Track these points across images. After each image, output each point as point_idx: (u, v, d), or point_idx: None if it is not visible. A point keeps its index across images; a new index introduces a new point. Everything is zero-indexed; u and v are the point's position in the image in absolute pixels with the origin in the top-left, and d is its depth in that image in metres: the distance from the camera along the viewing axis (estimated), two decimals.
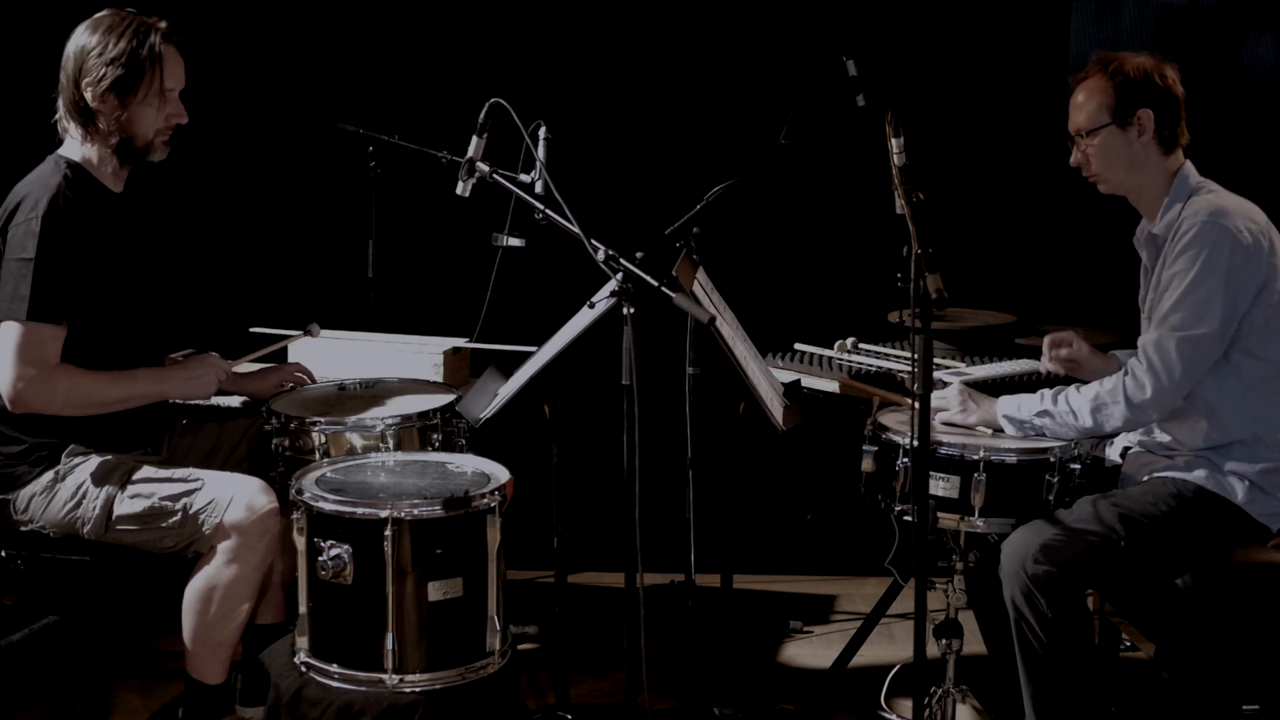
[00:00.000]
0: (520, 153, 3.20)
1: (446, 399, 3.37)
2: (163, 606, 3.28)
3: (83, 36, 3.07)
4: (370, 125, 3.71)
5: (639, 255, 2.90)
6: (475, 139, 3.16)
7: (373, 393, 3.48)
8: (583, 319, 3.10)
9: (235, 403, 3.51)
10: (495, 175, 3.13)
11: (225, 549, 3.00)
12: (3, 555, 3.07)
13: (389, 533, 2.74)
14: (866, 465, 3.14)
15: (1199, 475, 3.01)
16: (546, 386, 3.19)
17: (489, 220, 3.42)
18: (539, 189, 3.16)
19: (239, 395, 3.48)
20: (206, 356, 3.31)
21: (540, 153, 3.20)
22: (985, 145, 4.49)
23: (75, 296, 2.99)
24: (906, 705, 3.50)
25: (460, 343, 3.81)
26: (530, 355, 3.24)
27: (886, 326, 3.92)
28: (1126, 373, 2.99)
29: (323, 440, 3.20)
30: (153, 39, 3.06)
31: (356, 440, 3.21)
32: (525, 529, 3.31)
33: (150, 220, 3.26)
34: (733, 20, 4.49)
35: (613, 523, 2.93)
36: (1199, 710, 3.05)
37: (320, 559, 2.79)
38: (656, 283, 2.80)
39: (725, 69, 4.50)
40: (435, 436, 3.26)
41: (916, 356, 2.67)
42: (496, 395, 3.17)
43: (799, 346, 3.82)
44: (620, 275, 2.83)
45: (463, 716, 2.81)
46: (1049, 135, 3.38)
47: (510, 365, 3.27)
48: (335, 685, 2.80)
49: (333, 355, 3.74)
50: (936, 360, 3.63)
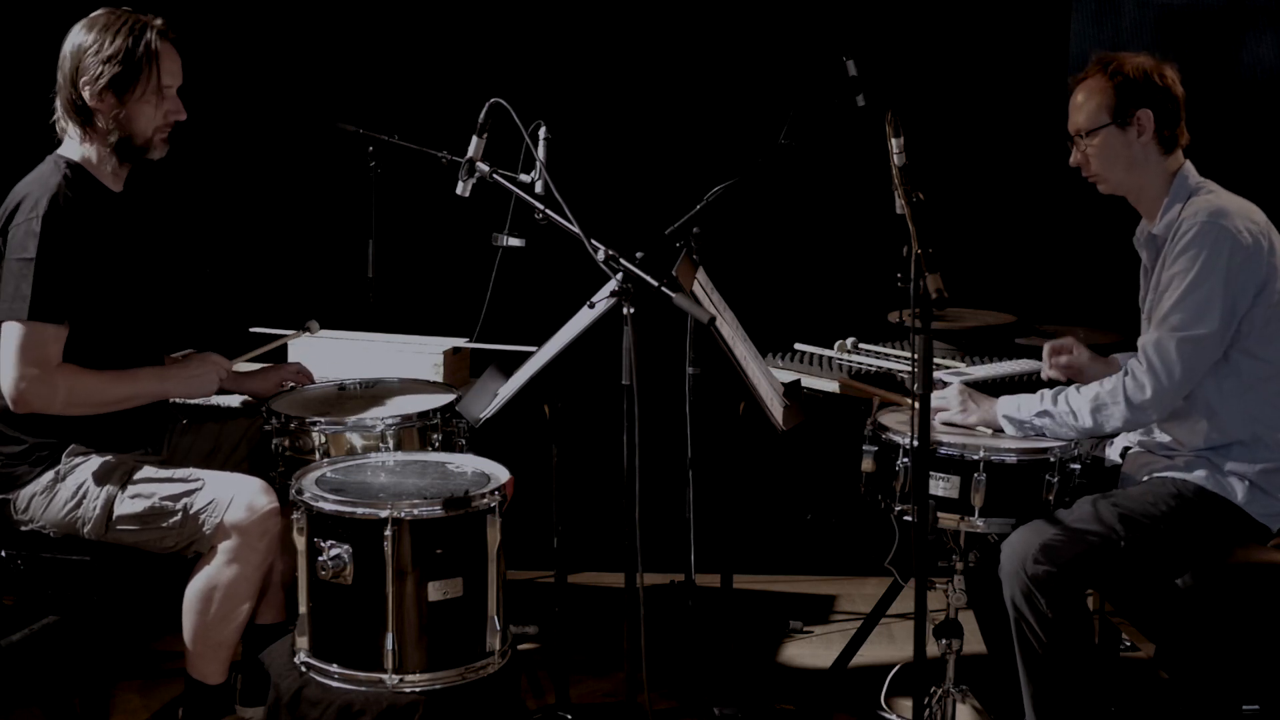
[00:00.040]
0: (520, 153, 3.20)
1: (446, 399, 3.37)
2: (163, 606, 3.28)
3: (79, 35, 3.06)
4: (370, 125, 3.71)
5: (639, 255, 2.90)
6: (475, 139, 3.16)
7: (373, 393, 3.48)
8: (583, 319, 3.10)
9: (235, 402, 3.51)
10: (495, 175, 3.13)
11: (226, 549, 3.00)
12: (3, 555, 3.07)
13: (389, 533, 2.74)
14: (866, 465, 3.14)
15: (1199, 475, 3.01)
16: (546, 386, 3.19)
17: (489, 220, 3.42)
18: (539, 189, 3.16)
19: (240, 394, 3.48)
20: (207, 355, 3.31)
21: (540, 153, 3.20)
22: (985, 145, 4.49)
23: (76, 296, 2.99)
24: (906, 705, 3.50)
25: (460, 343, 3.80)
26: (530, 355, 3.24)
27: (886, 326, 3.92)
28: (1126, 373, 2.98)
29: (323, 440, 3.20)
30: (149, 36, 3.05)
31: (356, 440, 3.21)
32: (525, 529, 3.31)
33: (150, 220, 3.26)
34: (733, 20, 4.49)
35: (613, 523, 2.93)
36: (1199, 710, 3.05)
37: (320, 559, 2.79)
38: (656, 283, 2.80)
39: (725, 69, 4.50)
40: (435, 436, 3.26)
41: (916, 356, 2.67)
42: (496, 395, 3.17)
43: (799, 346, 3.82)
44: (620, 275, 2.83)
45: (463, 716, 2.81)
46: (1049, 135, 3.38)
47: (510, 365, 3.27)
48: (335, 685, 2.80)
49: (333, 355, 3.74)
50: (936, 360, 3.63)
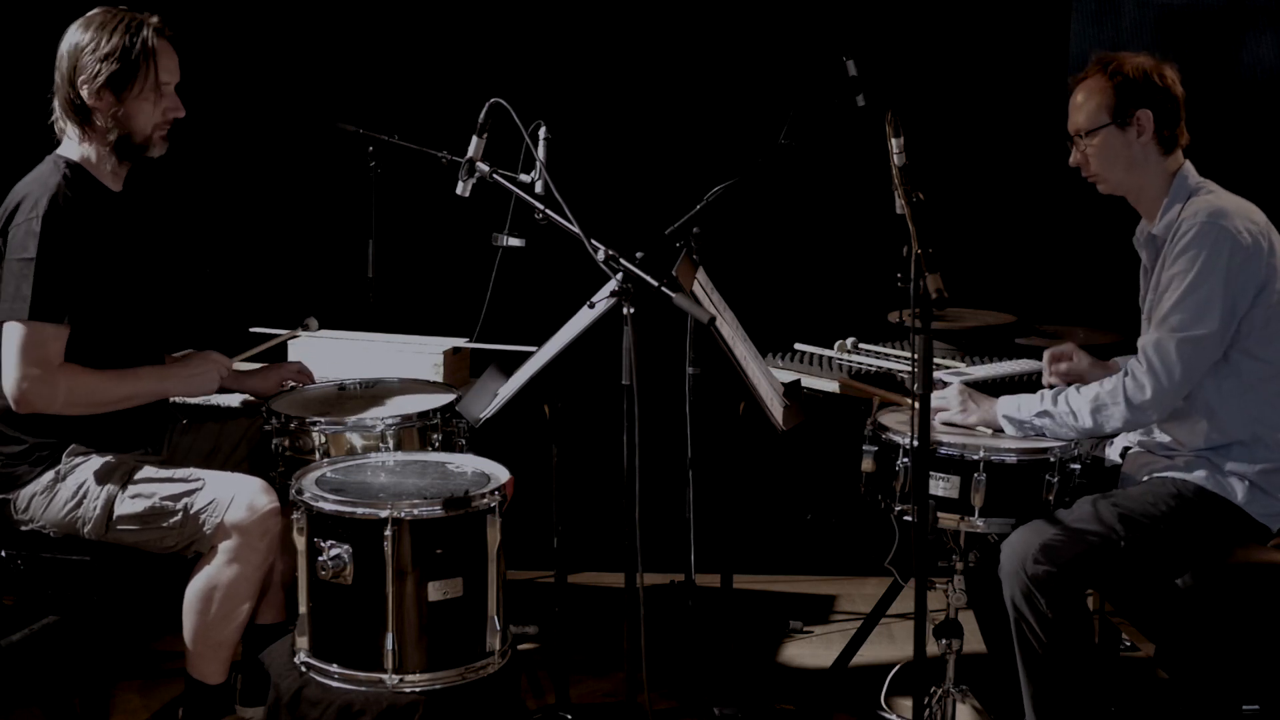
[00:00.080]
0: (520, 153, 3.20)
1: (446, 399, 3.37)
2: (163, 606, 3.28)
3: (76, 34, 3.06)
4: (370, 125, 3.71)
5: (639, 255, 2.90)
6: (475, 139, 3.16)
7: (373, 393, 3.48)
8: (583, 319, 3.10)
9: (235, 402, 3.52)
10: (495, 175, 3.13)
11: (226, 549, 3.00)
12: (3, 555, 3.07)
13: (389, 533, 2.74)
14: (866, 465, 3.14)
15: (1199, 475, 3.01)
16: (546, 386, 3.19)
17: (489, 220, 3.42)
18: (539, 189, 3.16)
19: (240, 393, 3.48)
20: (207, 354, 3.30)
21: (540, 153, 3.20)
22: (985, 145, 4.49)
23: (77, 296, 2.99)
24: (906, 705, 3.50)
25: (460, 343, 3.80)
26: (530, 355, 3.24)
27: (886, 326, 3.91)
28: (1126, 373, 2.98)
29: (323, 440, 3.20)
30: (146, 33, 3.05)
31: (356, 440, 3.21)
32: (525, 529, 3.31)
33: (150, 219, 3.25)
34: (733, 20, 4.49)
35: (613, 523, 2.93)
36: (1199, 710, 3.05)
37: (320, 559, 2.79)
38: (656, 283, 2.80)
39: (725, 69, 4.50)
40: (435, 436, 3.26)
41: (916, 356, 2.67)
42: (496, 395, 3.17)
43: (799, 346, 3.82)
44: (620, 275, 2.83)
45: (463, 716, 2.81)
46: (1049, 135, 3.38)
47: (510, 365, 3.27)
48: (335, 685, 2.80)
49: (333, 355, 3.74)
50: (936, 360, 3.63)
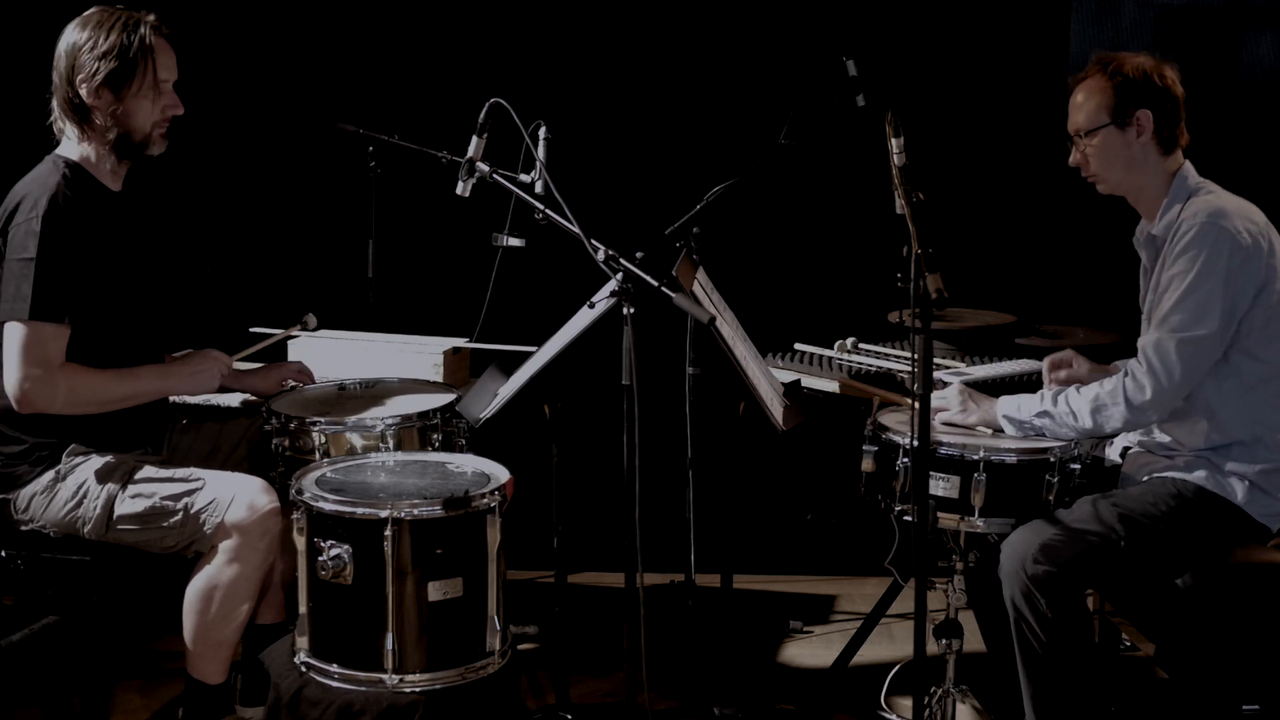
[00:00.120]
0: (520, 153, 3.20)
1: (446, 399, 3.37)
2: (163, 606, 3.28)
3: (73, 34, 3.06)
4: (370, 125, 3.71)
5: (639, 255, 2.90)
6: (475, 139, 3.16)
7: (373, 393, 3.48)
8: (583, 319, 3.10)
9: (235, 402, 3.52)
10: (495, 175, 3.13)
11: (226, 548, 3.00)
12: (3, 555, 3.07)
13: (389, 533, 2.74)
14: (866, 465, 3.14)
15: (1199, 475, 3.00)
16: (546, 386, 3.19)
17: (489, 220, 3.42)
18: (539, 189, 3.16)
19: (241, 392, 3.48)
20: (208, 352, 3.30)
21: (540, 153, 3.20)
22: (985, 145, 4.49)
23: (77, 295, 2.99)
24: (906, 705, 3.50)
25: (460, 343, 3.80)
26: (530, 355, 3.24)
27: (886, 326, 3.92)
28: (1126, 374, 2.98)
29: (323, 440, 3.20)
30: (143, 31, 3.05)
31: (356, 440, 3.21)
32: (525, 529, 3.31)
33: (149, 219, 3.25)
34: (733, 20, 4.49)
35: (613, 523, 2.93)
36: (1199, 710, 3.05)
37: (320, 559, 2.79)
38: (656, 283, 2.80)
39: (725, 69, 4.50)
40: (435, 436, 3.26)
41: (916, 356, 2.67)
42: (496, 395, 3.17)
43: (799, 346, 3.82)
44: (620, 275, 2.83)
45: (463, 716, 2.81)
46: (1049, 135, 3.38)
47: (510, 365, 3.27)
48: (335, 685, 2.80)
49: (333, 355, 3.74)
50: (936, 360, 3.63)
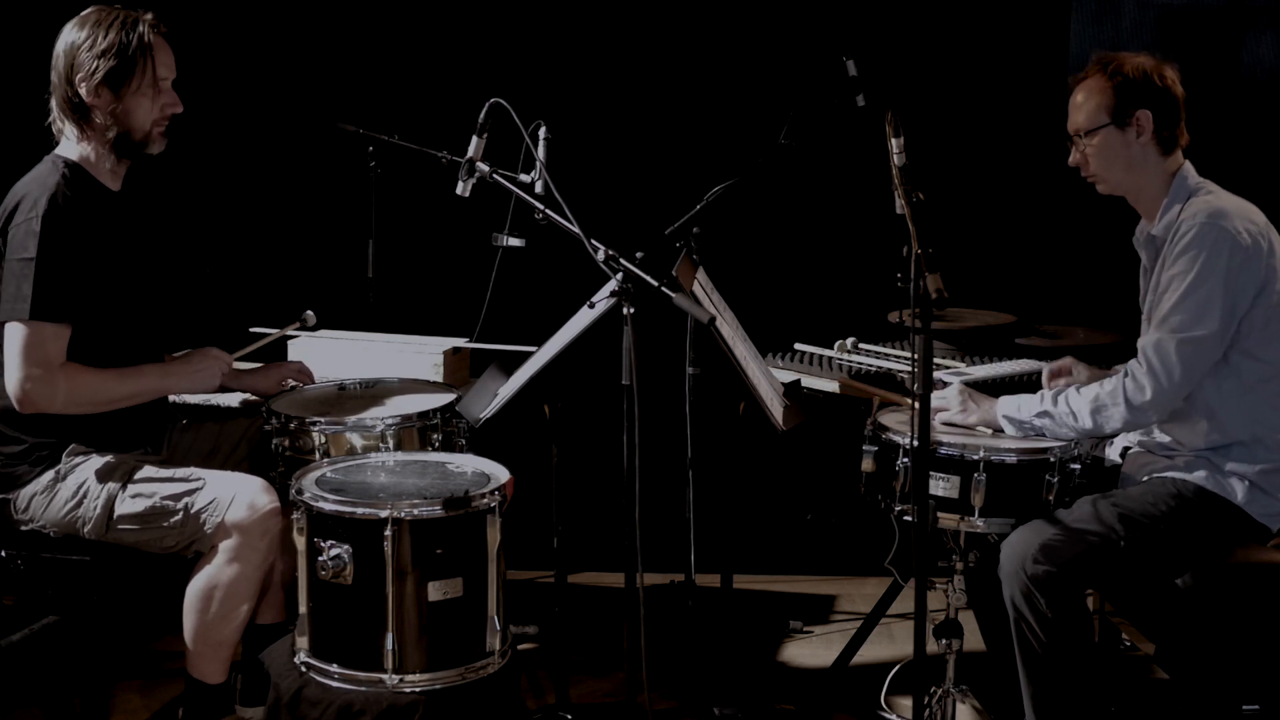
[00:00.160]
0: (520, 153, 3.20)
1: (446, 399, 3.37)
2: (163, 606, 3.28)
3: (71, 34, 3.06)
4: (370, 125, 3.71)
5: (639, 255, 2.90)
6: (475, 139, 3.15)
7: (373, 393, 3.48)
8: (583, 319, 3.10)
9: (234, 402, 3.52)
10: (495, 175, 3.13)
11: (226, 548, 3.00)
12: (3, 555, 3.07)
13: (389, 533, 2.74)
14: (866, 465, 3.14)
15: (1199, 475, 3.00)
16: (546, 386, 3.19)
17: (489, 220, 3.42)
18: (539, 189, 3.16)
19: (241, 392, 3.48)
20: (208, 350, 3.30)
21: (540, 153, 3.20)
22: (985, 145, 4.49)
23: (77, 295, 2.99)
24: (906, 705, 3.50)
25: (460, 343, 3.80)
26: (530, 355, 3.24)
27: (886, 326, 3.92)
28: (1126, 374, 2.98)
29: (323, 440, 3.20)
30: (141, 29, 3.05)
31: (356, 440, 3.21)
32: (525, 529, 3.31)
33: (149, 219, 3.25)
34: (733, 20, 4.49)
35: (613, 523, 2.93)
36: (1199, 710, 3.05)
37: (320, 559, 2.79)
38: (656, 283, 2.80)
39: (725, 69, 4.50)
40: (435, 436, 3.26)
41: (916, 356, 2.67)
42: (496, 395, 3.17)
43: (799, 346, 3.82)
44: (620, 275, 2.83)
45: (463, 716, 2.81)
46: (1049, 135, 3.38)
47: (510, 365, 3.27)
48: (335, 685, 2.80)
49: (333, 355, 3.74)
50: (936, 360, 3.63)
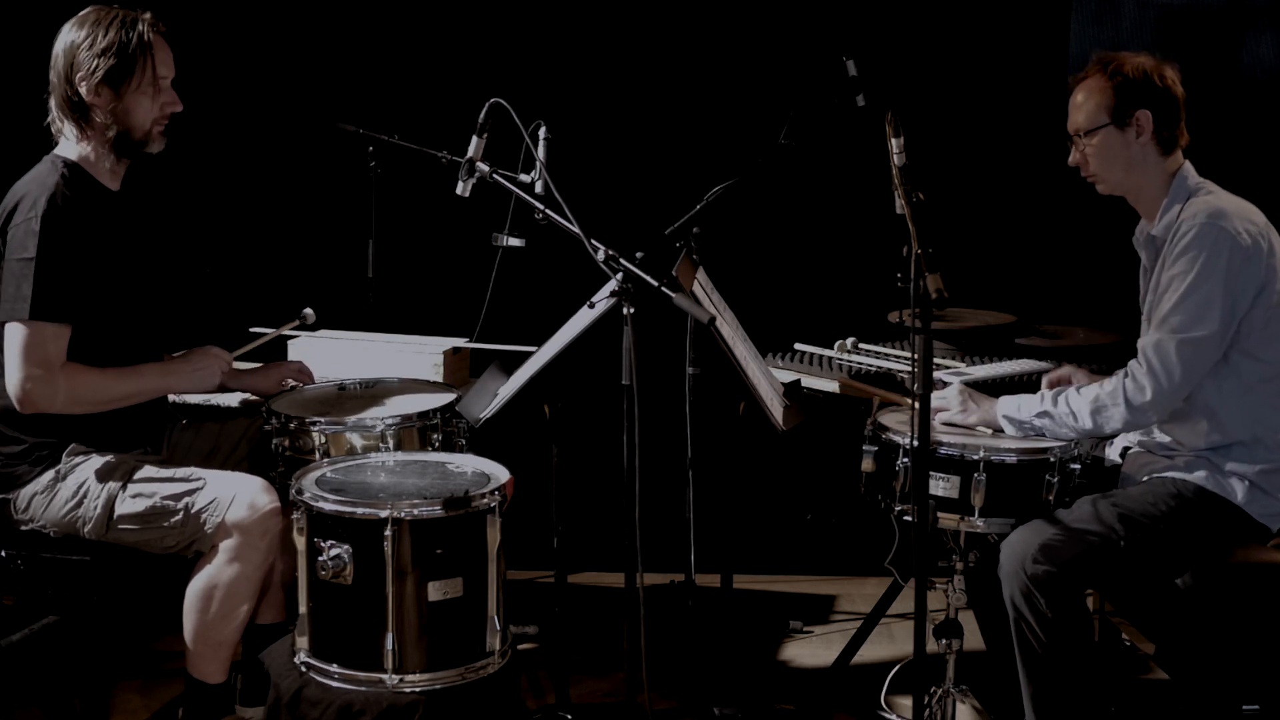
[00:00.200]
0: (520, 153, 3.20)
1: (446, 399, 3.37)
2: (163, 606, 3.28)
3: (70, 33, 3.06)
4: (370, 125, 3.70)
5: (639, 255, 2.90)
6: (475, 139, 3.16)
7: (373, 393, 3.48)
8: (583, 319, 3.10)
9: (234, 402, 3.52)
10: (495, 175, 3.13)
11: (227, 548, 3.00)
12: (3, 555, 3.07)
13: (389, 533, 2.74)
14: (866, 465, 3.14)
15: (1199, 475, 3.00)
16: (546, 386, 3.19)
17: (489, 220, 3.41)
18: (539, 189, 3.16)
19: (241, 392, 3.48)
20: (208, 349, 3.30)
21: (540, 153, 3.20)
22: (985, 145, 4.49)
23: (77, 295, 2.99)
24: (906, 705, 3.50)
25: (460, 343, 3.80)
26: (530, 355, 3.24)
27: (886, 326, 3.92)
28: (1126, 375, 2.98)
29: (323, 440, 3.20)
30: (141, 28, 3.05)
31: (356, 440, 3.21)
32: (525, 529, 3.31)
33: (148, 218, 3.25)
34: (733, 20, 4.49)
35: (613, 523, 2.93)
36: (1199, 710, 3.05)
37: (320, 559, 2.79)
38: (656, 283, 2.80)
39: (725, 69, 4.50)
40: (435, 436, 3.26)
41: (916, 356, 2.67)
42: (496, 395, 3.17)
43: (799, 346, 3.82)
44: (620, 275, 2.83)
45: (463, 716, 2.81)
46: (1049, 135, 3.38)
47: (510, 365, 3.27)
48: (335, 685, 2.80)
49: (333, 355, 3.75)
50: (936, 360, 3.63)
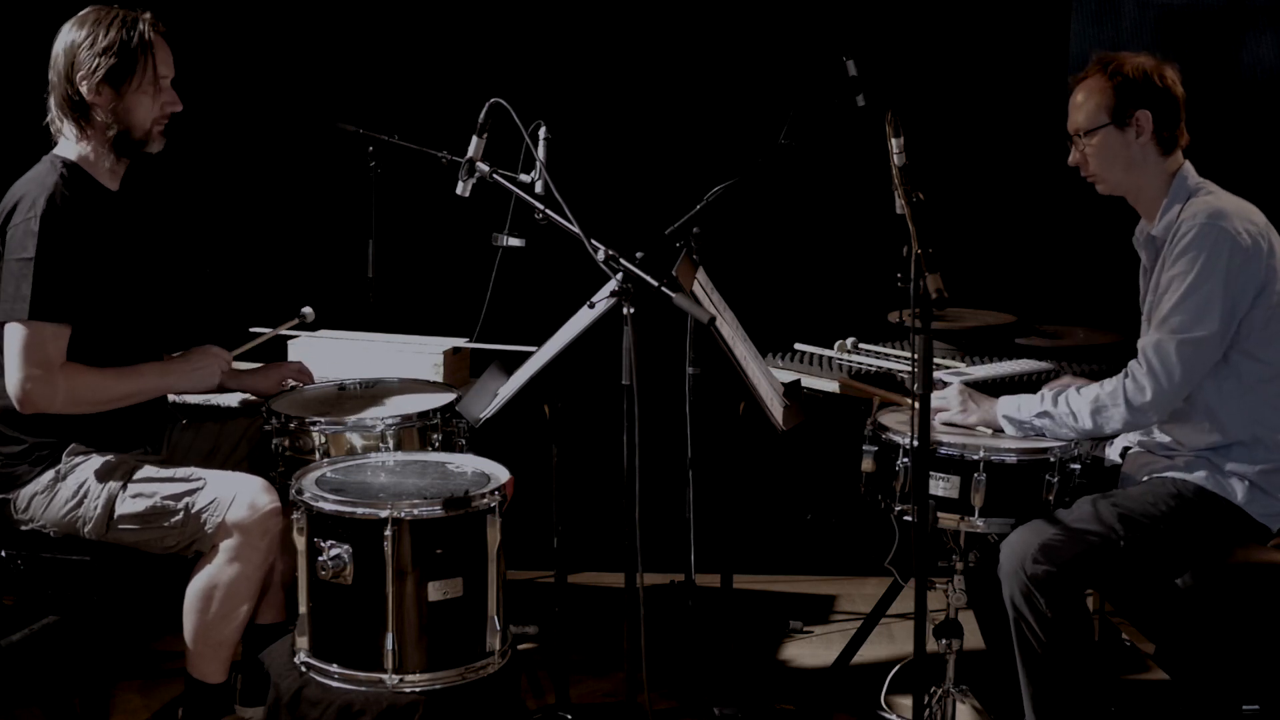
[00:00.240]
0: (520, 153, 3.20)
1: (446, 399, 3.37)
2: (163, 606, 3.28)
3: (70, 33, 3.06)
4: (370, 125, 3.70)
5: (639, 255, 2.90)
6: (475, 139, 3.16)
7: (373, 393, 3.48)
8: (583, 319, 3.10)
9: (234, 402, 3.52)
10: (495, 175, 3.13)
11: (227, 548, 3.00)
12: (3, 555, 3.07)
13: (389, 533, 2.74)
14: (866, 465, 3.14)
15: (1199, 475, 3.00)
16: (546, 386, 3.19)
17: (489, 220, 3.41)
18: (539, 189, 3.16)
19: (241, 392, 3.48)
20: (207, 348, 3.30)
21: (540, 153, 3.20)
22: (985, 145, 4.49)
23: (77, 295, 2.99)
24: (906, 704, 3.50)
25: (460, 343, 3.80)
26: (530, 355, 3.24)
27: (886, 326, 3.92)
28: (1127, 375, 2.98)
29: (323, 440, 3.20)
30: (141, 28, 3.05)
31: (356, 440, 3.21)
32: (525, 529, 3.31)
33: (148, 218, 3.25)
34: (733, 20, 4.49)
35: (613, 523, 2.93)
36: (1199, 710, 3.05)
37: (320, 559, 2.79)
38: (656, 283, 2.80)
39: (725, 69, 4.50)
40: (435, 436, 3.26)
41: (916, 356, 2.67)
42: (496, 395, 3.17)
43: (799, 346, 3.82)
44: (620, 275, 2.83)
45: (463, 716, 2.81)
46: (1049, 135, 3.38)
47: (510, 365, 3.27)
48: (335, 685, 2.80)
49: (333, 355, 3.74)
50: (936, 360, 3.63)
